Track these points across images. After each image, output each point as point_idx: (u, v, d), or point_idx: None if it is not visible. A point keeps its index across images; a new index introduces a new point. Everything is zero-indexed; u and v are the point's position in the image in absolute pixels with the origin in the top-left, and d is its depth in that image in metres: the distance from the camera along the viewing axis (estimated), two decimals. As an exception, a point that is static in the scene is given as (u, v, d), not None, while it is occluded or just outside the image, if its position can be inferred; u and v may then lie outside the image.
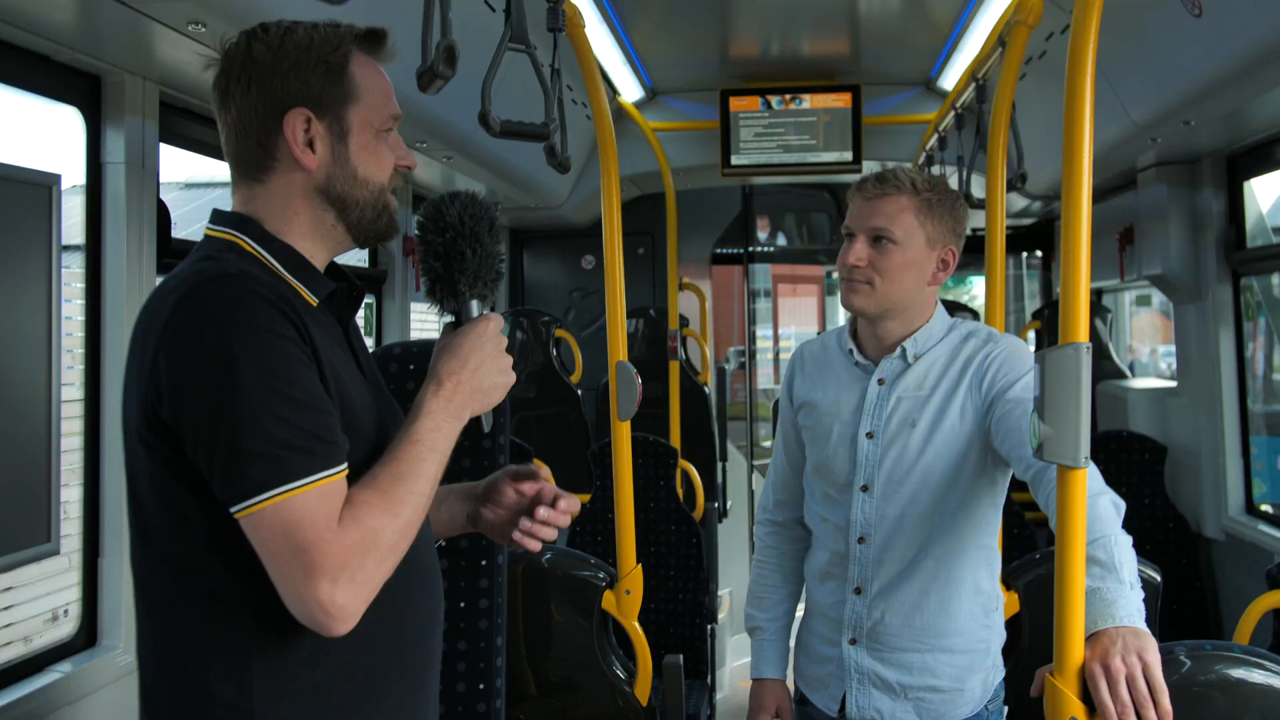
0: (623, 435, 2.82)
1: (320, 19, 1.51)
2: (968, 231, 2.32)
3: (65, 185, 2.31)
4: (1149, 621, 1.74)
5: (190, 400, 1.34)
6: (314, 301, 1.52)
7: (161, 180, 2.62)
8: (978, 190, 3.37)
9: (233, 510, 1.33)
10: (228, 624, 1.41)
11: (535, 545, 1.72)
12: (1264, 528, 3.90)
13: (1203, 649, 1.64)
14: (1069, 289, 1.58)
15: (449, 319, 1.63)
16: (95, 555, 2.46)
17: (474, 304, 1.61)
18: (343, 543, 1.33)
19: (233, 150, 1.53)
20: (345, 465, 1.39)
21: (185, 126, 2.79)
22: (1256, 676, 1.62)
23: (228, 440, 1.32)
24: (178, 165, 2.76)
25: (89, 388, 2.48)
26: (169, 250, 2.60)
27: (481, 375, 1.55)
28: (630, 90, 5.02)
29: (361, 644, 1.45)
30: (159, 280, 2.52)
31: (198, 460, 1.35)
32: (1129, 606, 1.67)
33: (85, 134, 2.46)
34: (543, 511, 1.70)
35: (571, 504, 1.73)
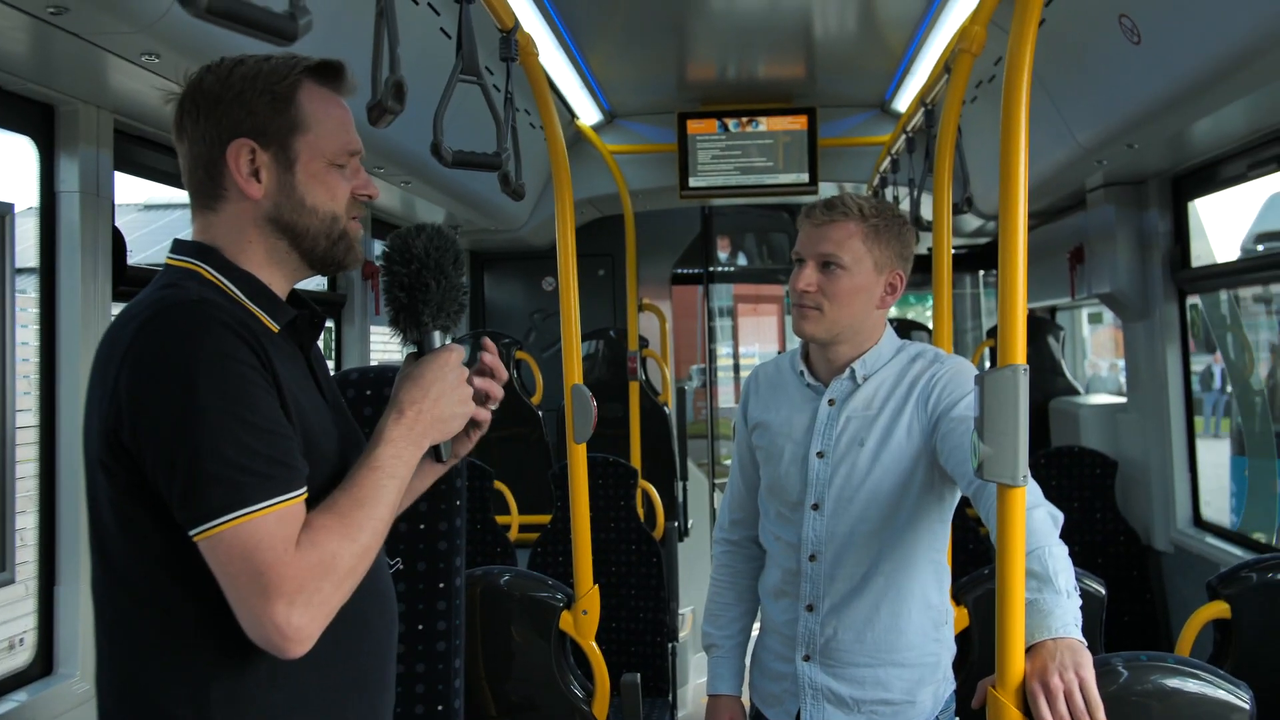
0: (579, 457, 2.85)
1: (277, 52, 1.54)
2: (922, 251, 2.37)
3: (18, 209, 2.31)
4: (1091, 630, 1.80)
5: (151, 424, 1.36)
6: (275, 328, 1.53)
7: (121, 202, 2.62)
8: (928, 212, 3.43)
9: (191, 533, 1.34)
10: (186, 647, 1.43)
11: (485, 414, 1.71)
12: (1211, 540, 3.98)
13: (1138, 659, 1.69)
14: (1006, 313, 1.63)
15: (412, 349, 1.66)
16: (52, 583, 2.45)
17: (436, 335, 1.64)
18: (300, 565, 1.35)
19: (188, 180, 1.55)
20: (304, 489, 1.41)
21: (140, 154, 2.80)
22: (1191, 686, 1.67)
23: (187, 464, 1.34)
24: (137, 188, 2.75)
25: (44, 414, 2.47)
26: (124, 277, 2.60)
27: (443, 405, 1.58)
28: (588, 114, 5.05)
29: (319, 667, 1.46)
30: (114, 307, 2.53)
31: (157, 484, 1.37)
32: (1065, 617, 1.72)
33: (39, 163, 2.46)
34: (478, 381, 1.69)
35: (493, 360, 1.73)
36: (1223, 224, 4.27)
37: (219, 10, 1.10)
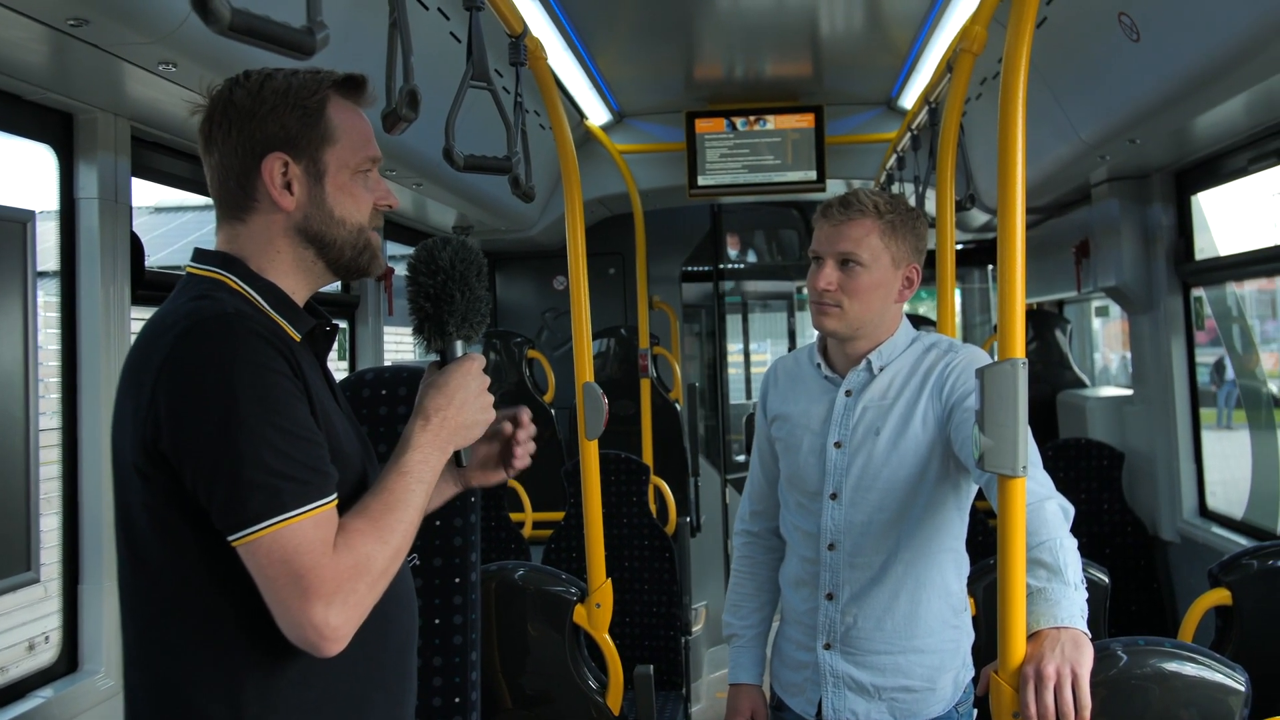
0: (591, 454, 2.89)
1: (294, 61, 1.58)
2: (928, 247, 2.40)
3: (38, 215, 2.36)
4: (1095, 620, 1.83)
5: (191, 434, 1.40)
6: (297, 337, 1.58)
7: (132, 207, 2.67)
8: (933, 208, 3.46)
9: (231, 539, 1.38)
10: (221, 647, 1.46)
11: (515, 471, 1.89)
12: (1217, 529, 4.01)
13: (1136, 644, 1.73)
14: (1005, 308, 1.66)
15: (435, 357, 1.70)
16: (75, 581, 2.49)
17: (459, 344, 1.69)
18: (337, 567, 1.40)
19: (216, 191, 1.59)
20: (336, 495, 1.45)
21: (157, 160, 2.84)
22: (1188, 669, 1.71)
23: (229, 472, 1.38)
24: (147, 191, 2.80)
25: (66, 417, 2.51)
26: (143, 281, 2.65)
27: (465, 412, 1.62)
28: (597, 114, 5.09)
29: (348, 664, 1.50)
30: (134, 310, 2.57)
31: (197, 492, 1.40)
32: (1072, 607, 1.75)
33: (58, 170, 2.50)
34: (520, 443, 1.85)
35: (526, 424, 1.88)
36: (1229, 218, 4.28)
37: (241, 27, 1.14)
